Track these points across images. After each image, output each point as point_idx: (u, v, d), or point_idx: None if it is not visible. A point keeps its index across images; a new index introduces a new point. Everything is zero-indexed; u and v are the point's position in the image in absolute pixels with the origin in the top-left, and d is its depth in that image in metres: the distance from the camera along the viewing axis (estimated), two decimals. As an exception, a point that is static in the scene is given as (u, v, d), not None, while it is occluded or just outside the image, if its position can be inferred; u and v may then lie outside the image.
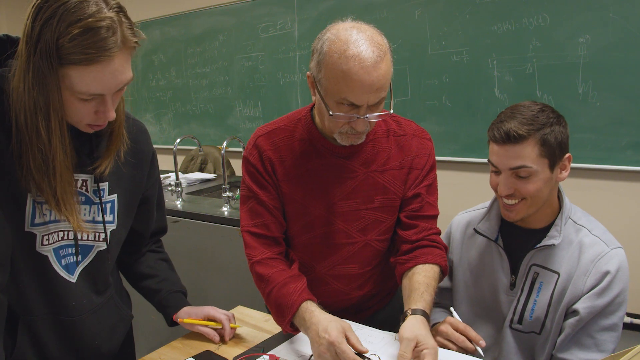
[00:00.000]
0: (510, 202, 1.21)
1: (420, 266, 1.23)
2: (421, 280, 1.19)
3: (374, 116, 1.12)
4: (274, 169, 1.26)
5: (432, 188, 1.32)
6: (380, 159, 1.27)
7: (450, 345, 1.16)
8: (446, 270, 1.29)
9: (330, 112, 1.11)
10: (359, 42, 1.06)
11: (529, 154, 1.15)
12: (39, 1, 0.86)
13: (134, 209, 1.19)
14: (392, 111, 1.16)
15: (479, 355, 1.12)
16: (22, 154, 0.93)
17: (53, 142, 0.92)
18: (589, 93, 2.59)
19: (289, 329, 1.17)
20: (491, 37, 2.83)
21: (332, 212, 1.26)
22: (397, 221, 1.32)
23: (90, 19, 0.84)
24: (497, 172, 1.21)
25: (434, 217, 1.32)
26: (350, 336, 1.04)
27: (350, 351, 1.00)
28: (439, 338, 1.18)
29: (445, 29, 2.98)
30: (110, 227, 1.12)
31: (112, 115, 0.95)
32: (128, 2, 3.92)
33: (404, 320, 1.10)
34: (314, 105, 1.29)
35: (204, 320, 1.26)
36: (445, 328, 1.18)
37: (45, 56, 0.84)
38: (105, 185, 1.09)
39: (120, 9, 0.90)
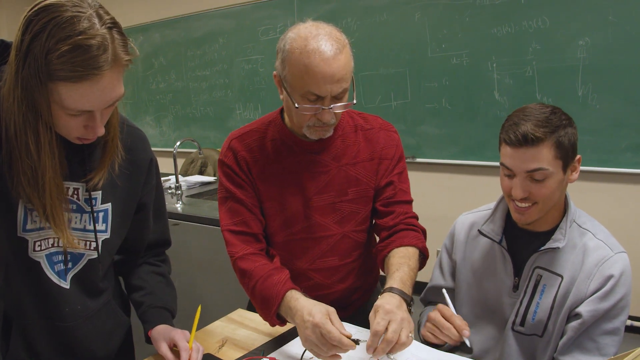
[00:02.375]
0: (522, 205, 1.20)
1: (395, 249, 1.26)
2: (394, 262, 1.22)
3: (338, 106, 1.17)
4: (250, 168, 1.30)
5: (403, 176, 1.37)
6: (351, 152, 1.32)
7: (437, 332, 1.17)
8: (426, 252, 1.31)
9: (297, 105, 1.16)
10: (319, 37, 1.13)
11: (545, 156, 1.14)
12: (29, 13, 0.84)
13: (130, 217, 1.17)
14: (355, 101, 1.21)
15: (467, 349, 1.12)
16: (12, 165, 0.92)
17: (42, 159, 0.90)
18: (589, 95, 2.60)
19: (276, 320, 1.18)
20: (491, 39, 2.84)
21: (309, 206, 1.30)
22: (373, 211, 1.36)
23: (80, 37, 0.81)
24: (511, 175, 1.20)
25: (409, 202, 1.36)
26: (333, 319, 1.05)
27: (335, 331, 1.02)
28: (428, 324, 1.19)
29: (445, 32, 2.99)
30: (103, 236, 1.10)
31: (101, 131, 0.94)
32: (128, 5, 3.91)
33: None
34: (283, 108, 1.32)
35: (169, 344, 1.15)
36: (434, 315, 1.19)
37: (33, 71, 0.82)
38: (98, 194, 1.07)
39: (114, 25, 0.88)
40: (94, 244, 1.08)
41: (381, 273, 1.37)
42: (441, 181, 3.20)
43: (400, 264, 1.20)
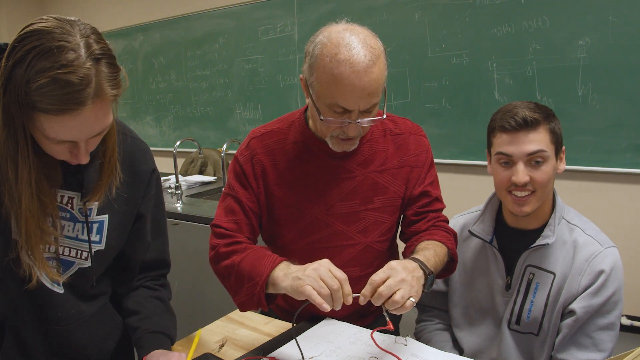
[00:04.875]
0: (522, 194, 1.21)
1: (425, 241, 1.22)
2: (421, 246, 1.18)
3: (365, 121, 1.11)
4: (265, 174, 1.25)
5: (435, 183, 1.34)
6: (378, 159, 1.27)
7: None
8: (455, 255, 1.26)
9: (322, 117, 1.10)
10: (351, 45, 1.04)
11: (543, 139, 1.18)
12: (16, 37, 0.81)
13: (128, 230, 1.13)
14: (385, 116, 1.15)
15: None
16: (1, 185, 0.90)
17: (19, 190, 0.88)
18: (589, 95, 2.59)
19: (262, 293, 1.11)
20: (491, 39, 2.84)
21: (330, 213, 1.26)
22: (404, 220, 1.32)
23: (60, 70, 0.78)
24: (509, 163, 1.22)
25: (441, 209, 1.34)
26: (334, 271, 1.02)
27: (342, 272, 1.00)
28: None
29: (445, 32, 2.98)
30: (97, 247, 1.07)
31: (85, 160, 0.91)
32: (129, 5, 3.91)
33: None
34: (307, 107, 1.29)
35: None
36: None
37: (14, 98, 0.80)
38: (93, 205, 1.04)
39: (103, 56, 0.83)
40: (85, 254, 1.06)
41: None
42: (441, 181, 3.19)
43: (428, 248, 1.16)
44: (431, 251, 1.16)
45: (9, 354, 1.05)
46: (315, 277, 0.99)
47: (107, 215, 1.07)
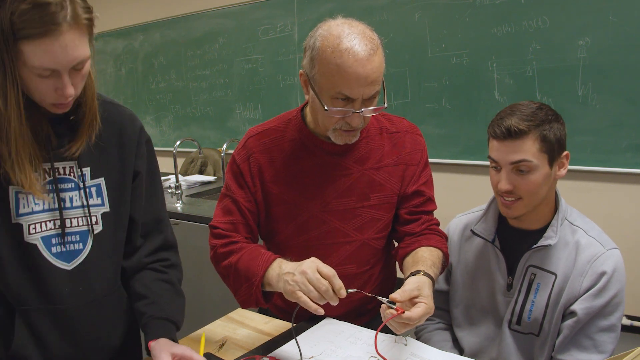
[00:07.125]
0: (508, 198, 1.22)
1: (423, 247, 1.24)
2: (427, 256, 1.20)
3: (369, 110, 1.13)
4: (261, 172, 1.26)
5: (429, 183, 1.35)
6: (375, 156, 1.28)
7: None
8: (447, 258, 1.30)
9: (326, 107, 1.11)
10: (351, 36, 1.07)
11: (529, 149, 1.17)
12: None
13: (129, 190, 1.16)
14: (386, 105, 1.16)
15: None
16: None
17: (9, 112, 0.93)
18: (589, 95, 2.59)
19: (259, 293, 1.14)
20: (491, 39, 2.84)
21: (327, 210, 1.26)
22: (396, 218, 1.33)
23: None
24: (498, 168, 1.23)
25: (434, 211, 1.36)
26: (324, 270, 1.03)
27: (330, 268, 1.01)
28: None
29: (445, 32, 2.98)
30: (102, 210, 1.11)
31: (70, 91, 0.96)
32: (129, 5, 3.90)
33: (412, 276, 1.09)
34: (304, 105, 1.30)
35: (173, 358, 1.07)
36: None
37: (1, 33, 0.87)
38: (87, 170, 1.09)
39: None
40: (94, 218, 1.10)
41: (399, 275, 1.35)
42: (441, 181, 3.19)
43: (433, 262, 1.19)
44: (435, 269, 1.18)
45: (21, 342, 1.05)
46: (304, 282, 1.02)
47: (102, 178, 1.11)
